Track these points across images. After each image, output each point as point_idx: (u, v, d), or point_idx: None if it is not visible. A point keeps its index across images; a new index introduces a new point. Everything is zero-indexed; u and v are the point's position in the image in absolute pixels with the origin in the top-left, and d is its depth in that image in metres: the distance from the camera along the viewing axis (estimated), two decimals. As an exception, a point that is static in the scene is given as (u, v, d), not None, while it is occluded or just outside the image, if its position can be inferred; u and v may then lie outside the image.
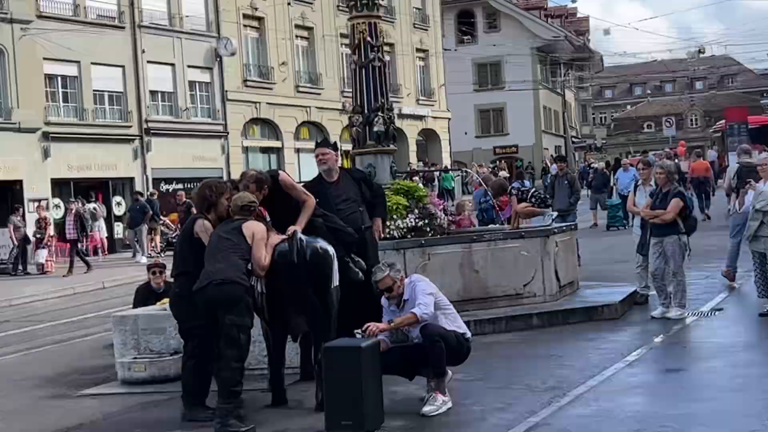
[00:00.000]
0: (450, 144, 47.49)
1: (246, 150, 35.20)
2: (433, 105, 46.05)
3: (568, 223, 11.91)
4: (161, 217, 25.45)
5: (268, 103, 35.34)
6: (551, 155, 54.10)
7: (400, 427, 6.19)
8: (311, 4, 36.89)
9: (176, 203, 24.91)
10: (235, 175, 32.38)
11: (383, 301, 6.97)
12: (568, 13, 67.52)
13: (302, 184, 7.71)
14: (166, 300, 8.35)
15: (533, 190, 11.52)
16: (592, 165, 40.46)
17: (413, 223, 10.27)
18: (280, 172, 7.11)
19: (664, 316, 9.80)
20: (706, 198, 22.84)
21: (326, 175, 7.79)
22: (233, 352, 6.23)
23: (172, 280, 7.05)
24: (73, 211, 22.37)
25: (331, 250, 6.79)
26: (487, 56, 53.72)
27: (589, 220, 23.41)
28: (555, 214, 11.36)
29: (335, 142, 8.06)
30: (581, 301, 10.58)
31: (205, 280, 6.31)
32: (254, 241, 6.47)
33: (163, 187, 30.50)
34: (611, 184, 26.92)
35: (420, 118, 44.60)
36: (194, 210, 6.76)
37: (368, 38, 10.75)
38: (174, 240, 23.63)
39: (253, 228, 6.52)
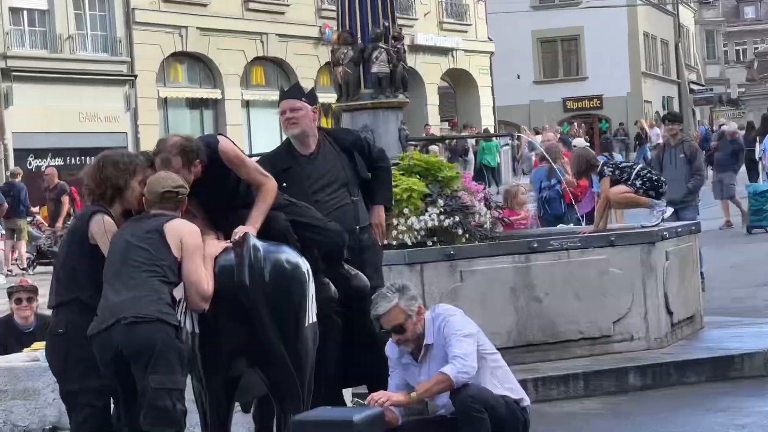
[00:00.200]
0: (493, 94, 47.59)
1: (165, 103, 35.26)
2: (465, 32, 46.12)
3: (686, 223, 11.91)
4: (30, 211, 25.44)
5: (199, 29, 35.37)
6: (656, 113, 54.10)
7: None
8: None
9: (45, 188, 24.83)
10: (148, 143, 32.50)
11: (389, 348, 6.96)
12: None
13: (257, 159, 7.71)
14: (41, 345, 8.31)
15: (639, 166, 11.46)
16: (722, 127, 40.30)
17: (436, 222, 10.29)
18: (221, 138, 7.13)
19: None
20: None
21: (299, 143, 7.81)
22: (164, 431, 6.23)
23: (50, 312, 7.05)
24: None
25: (303, 264, 6.80)
26: (553, -47, 53.95)
27: (716, 218, 23.42)
28: (670, 210, 11.31)
29: (312, 91, 8.05)
30: (706, 348, 10.61)
31: (109, 317, 6.29)
32: (185, 251, 6.46)
33: (32, 162, 30.54)
34: (757, 156, 26.89)
35: (445, 52, 44.70)
36: (72, 200, 6.76)
37: None
38: (50, 248, 23.64)
39: (182, 230, 6.52)
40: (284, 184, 7.40)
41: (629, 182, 10.96)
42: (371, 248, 7.75)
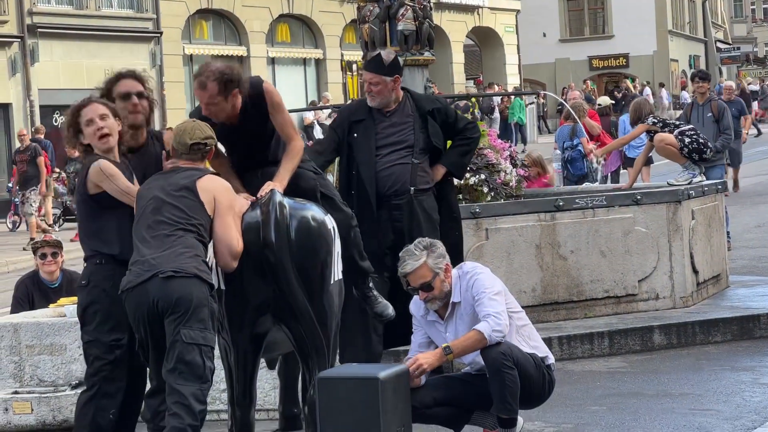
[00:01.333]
0: (519, 52, 47.38)
1: (190, 60, 35.26)
2: (491, -11, 45.86)
3: (712, 182, 11.86)
4: (55, 168, 25.52)
5: (225, -14, 35.29)
6: (682, 72, 53.81)
7: None
8: None
9: (17, 149, 24.31)
10: (174, 100, 32.53)
11: (414, 306, 6.95)
12: None
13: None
14: (67, 300, 8.34)
15: (687, 127, 11.41)
16: (750, 86, 40.06)
17: (461, 180, 10.26)
18: (264, 80, 7.12)
19: None
20: None
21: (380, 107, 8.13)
22: (192, 387, 6.21)
23: (73, 268, 7.05)
24: None
25: (329, 221, 6.81)
26: None
27: (744, 176, 23.32)
28: (700, 177, 11.21)
29: (392, 61, 8.11)
30: (732, 308, 10.62)
31: (145, 271, 6.28)
32: (217, 209, 6.43)
33: (57, 119, 30.60)
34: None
35: (471, 10, 44.50)
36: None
37: None
38: (27, 214, 23.56)
39: (216, 188, 6.48)
40: (354, 135, 7.87)
41: (678, 137, 11.00)
42: (426, 217, 7.93)
